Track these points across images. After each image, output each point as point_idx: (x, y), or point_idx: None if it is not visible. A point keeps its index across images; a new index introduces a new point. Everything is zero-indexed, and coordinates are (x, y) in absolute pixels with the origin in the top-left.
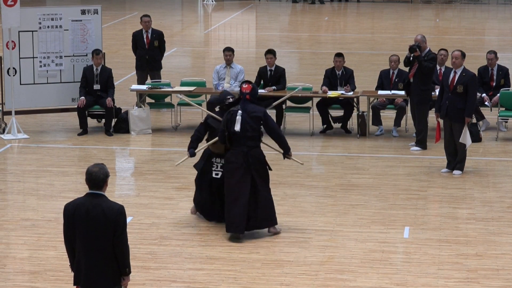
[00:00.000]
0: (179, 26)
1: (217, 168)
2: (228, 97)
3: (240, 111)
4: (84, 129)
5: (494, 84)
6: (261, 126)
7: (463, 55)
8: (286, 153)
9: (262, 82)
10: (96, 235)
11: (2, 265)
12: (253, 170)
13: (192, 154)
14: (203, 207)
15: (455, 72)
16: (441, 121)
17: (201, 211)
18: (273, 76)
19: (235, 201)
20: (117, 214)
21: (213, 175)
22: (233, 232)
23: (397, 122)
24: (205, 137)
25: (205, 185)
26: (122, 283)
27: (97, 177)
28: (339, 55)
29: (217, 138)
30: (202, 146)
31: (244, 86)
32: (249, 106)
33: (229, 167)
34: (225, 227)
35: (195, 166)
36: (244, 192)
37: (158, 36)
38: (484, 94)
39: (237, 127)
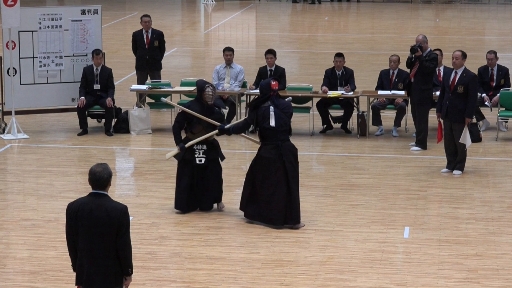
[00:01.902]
0: (179, 26)
1: (199, 154)
2: (207, 85)
3: (272, 107)
4: (84, 129)
5: (494, 84)
6: None
7: (463, 55)
8: None
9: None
10: (99, 235)
11: (2, 265)
12: (287, 163)
13: (183, 148)
14: (181, 199)
15: (455, 73)
16: (442, 121)
17: (178, 204)
18: (273, 76)
19: (272, 195)
20: (121, 214)
21: (197, 162)
22: (272, 224)
23: (397, 122)
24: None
25: (187, 172)
26: (124, 283)
27: (101, 177)
28: (339, 55)
29: (212, 133)
30: (197, 139)
31: (273, 83)
32: (279, 101)
33: (264, 162)
34: (265, 220)
35: (176, 156)
36: (281, 186)
37: (158, 36)
38: (484, 94)
39: (272, 123)
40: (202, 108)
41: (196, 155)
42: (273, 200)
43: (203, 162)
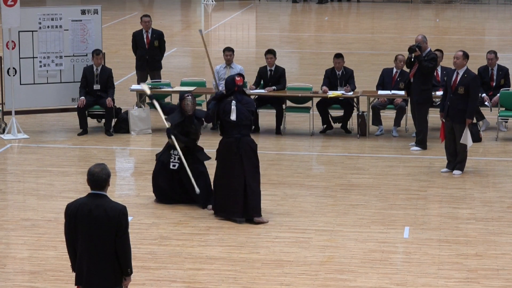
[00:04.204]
0: (179, 26)
1: (174, 160)
2: (187, 94)
3: (234, 101)
4: (84, 129)
5: (494, 84)
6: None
7: (465, 55)
8: None
9: (262, 82)
10: (98, 235)
11: (2, 265)
12: (244, 157)
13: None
14: (163, 193)
15: (457, 73)
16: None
17: (160, 198)
18: (273, 76)
19: (230, 188)
20: (120, 215)
21: (171, 167)
22: (232, 218)
23: (397, 122)
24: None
25: (165, 174)
26: (123, 283)
27: (99, 178)
28: (338, 56)
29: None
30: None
31: (238, 78)
32: (242, 97)
33: (222, 155)
34: (226, 215)
35: (158, 155)
36: (238, 180)
37: (158, 36)
38: (484, 94)
39: (233, 117)
40: (182, 118)
41: (171, 160)
42: (230, 193)
43: (176, 167)
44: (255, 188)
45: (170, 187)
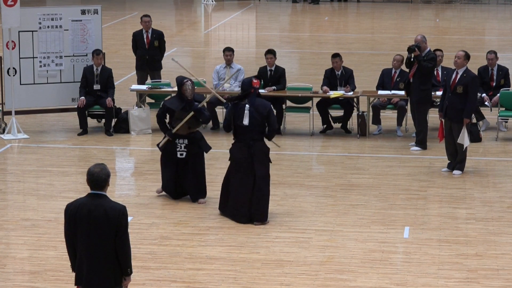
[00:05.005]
0: (179, 26)
1: (181, 148)
2: (186, 79)
3: (247, 105)
4: (84, 129)
5: (494, 84)
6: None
7: (467, 56)
8: (267, 139)
9: (262, 82)
10: (98, 236)
11: (2, 265)
12: (256, 162)
13: (171, 135)
14: (168, 186)
15: (456, 73)
16: (444, 121)
17: (166, 190)
18: (273, 76)
19: (238, 189)
20: (120, 215)
21: (178, 156)
22: (239, 221)
23: (400, 122)
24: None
25: (170, 164)
26: (123, 283)
27: (99, 178)
28: (335, 55)
29: (190, 115)
30: (180, 124)
31: (255, 81)
32: (257, 100)
33: (235, 160)
34: (231, 216)
35: (158, 146)
36: (248, 184)
37: (158, 36)
38: (484, 94)
39: (246, 121)
40: (182, 103)
41: (177, 149)
42: (239, 198)
43: (184, 156)
44: (265, 192)
45: (174, 179)
